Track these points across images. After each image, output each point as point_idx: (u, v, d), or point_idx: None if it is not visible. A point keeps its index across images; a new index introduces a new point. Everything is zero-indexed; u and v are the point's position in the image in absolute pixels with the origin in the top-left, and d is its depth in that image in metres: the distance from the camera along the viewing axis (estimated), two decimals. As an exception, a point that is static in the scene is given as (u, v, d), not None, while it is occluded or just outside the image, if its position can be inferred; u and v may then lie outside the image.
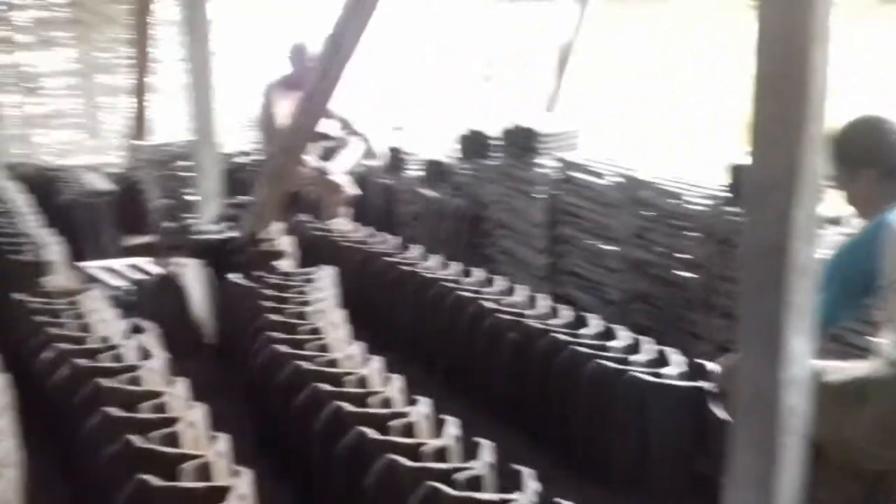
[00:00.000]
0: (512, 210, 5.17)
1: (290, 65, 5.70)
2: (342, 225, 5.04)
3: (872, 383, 2.33)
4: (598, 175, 4.61)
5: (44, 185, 6.13)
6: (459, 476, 2.16)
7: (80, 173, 6.40)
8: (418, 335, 3.92)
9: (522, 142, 5.08)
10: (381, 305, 4.24)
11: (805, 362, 2.15)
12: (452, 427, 2.44)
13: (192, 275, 4.01)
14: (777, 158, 2.10)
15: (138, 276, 4.20)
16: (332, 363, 2.88)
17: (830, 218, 3.77)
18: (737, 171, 3.81)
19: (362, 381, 2.74)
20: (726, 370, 2.56)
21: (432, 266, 4.17)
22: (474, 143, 5.47)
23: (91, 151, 7.49)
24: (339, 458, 2.36)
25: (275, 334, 3.12)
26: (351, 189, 5.63)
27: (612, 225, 4.48)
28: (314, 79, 3.93)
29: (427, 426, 2.49)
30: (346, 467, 2.34)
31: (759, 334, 2.13)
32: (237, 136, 6.98)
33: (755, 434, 2.15)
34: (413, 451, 2.28)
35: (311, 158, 5.51)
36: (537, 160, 4.99)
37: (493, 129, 5.37)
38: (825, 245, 3.41)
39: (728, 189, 3.89)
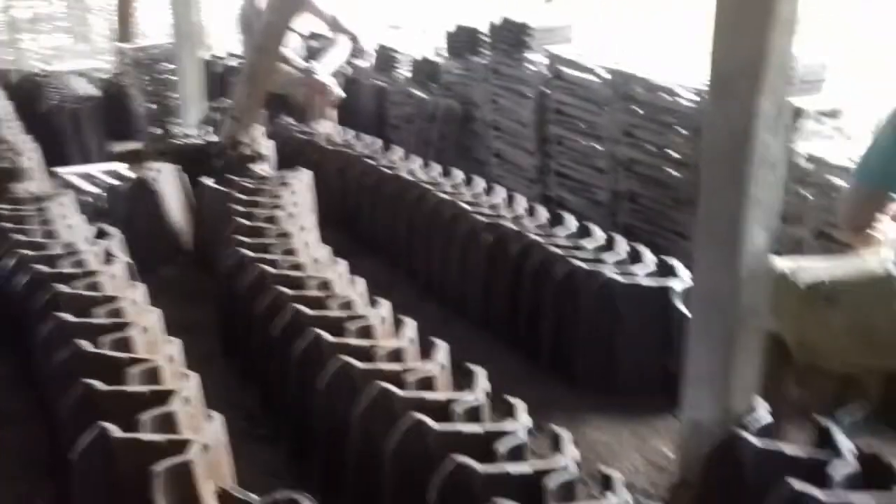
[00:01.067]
0: (502, 110, 5.01)
1: None
2: (326, 128, 4.91)
3: (845, 286, 2.11)
4: (588, 71, 4.42)
5: (29, 91, 6.01)
6: (410, 377, 2.13)
7: (67, 78, 6.26)
8: (396, 238, 3.86)
9: (512, 37, 4.87)
10: (360, 208, 4.17)
11: (765, 258, 2.06)
12: (410, 329, 2.41)
13: (169, 180, 3.93)
14: (741, 42, 1.95)
15: (115, 182, 4.13)
16: (297, 267, 2.84)
17: (828, 110, 3.60)
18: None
19: (324, 285, 2.70)
20: None
21: (412, 168, 4.08)
22: (463, 40, 5.25)
23: (78, 56, 7.32)
24: (295, 360, 2.34)
25: (242, 238, 3.07)
26: (337, 90, 5.47)
27: (602, 123, 4.33)
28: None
29: (385, 329, 2.46)
30: (302, 368, 2.32)
31: (719, 228, 2.04)
32: (227, 38, 6.77)
33: (712, 331, 2.09)
34: (367, 353, 2.25)
35: (295, 58, 5.33)
36: (528, 57, 4.79)
37: (484, 24, 5.14)
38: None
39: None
